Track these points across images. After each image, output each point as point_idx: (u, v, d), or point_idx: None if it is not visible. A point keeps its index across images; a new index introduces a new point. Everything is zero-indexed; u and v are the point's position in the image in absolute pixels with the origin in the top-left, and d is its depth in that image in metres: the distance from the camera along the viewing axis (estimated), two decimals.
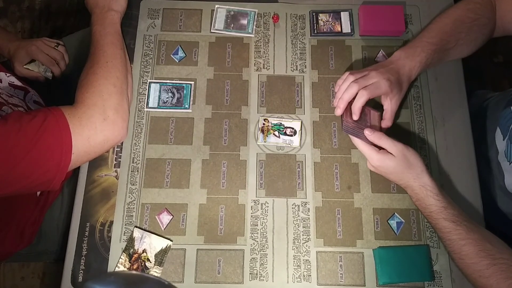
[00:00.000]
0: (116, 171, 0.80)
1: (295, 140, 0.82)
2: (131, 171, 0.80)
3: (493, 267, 0.64)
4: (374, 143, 0.73)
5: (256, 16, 0.91)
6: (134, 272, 0.71)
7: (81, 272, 0.75)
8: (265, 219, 0.78)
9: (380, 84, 0.73)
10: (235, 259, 0.76)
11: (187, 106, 0.84)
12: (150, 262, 0.74)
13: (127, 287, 0.44)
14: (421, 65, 0.77)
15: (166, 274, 0.74)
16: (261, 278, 0.75)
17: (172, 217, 0.78)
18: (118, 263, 0.74)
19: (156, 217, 0.78)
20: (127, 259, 0.74)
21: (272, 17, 0.91)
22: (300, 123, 0.83)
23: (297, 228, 0.77)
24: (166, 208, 0.78)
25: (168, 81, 0.86)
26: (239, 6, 0.91)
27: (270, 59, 0.88)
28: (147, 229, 0.77)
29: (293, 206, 0.79)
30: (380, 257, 0.74)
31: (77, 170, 0.80)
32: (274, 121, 0.83)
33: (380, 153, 0.72)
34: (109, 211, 0.78)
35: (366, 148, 0.73)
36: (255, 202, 0.79)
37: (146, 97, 0.85)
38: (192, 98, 0.85)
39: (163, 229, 0.77)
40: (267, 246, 0.76)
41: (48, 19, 1.79)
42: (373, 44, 0.89)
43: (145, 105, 0.84)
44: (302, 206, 0.79)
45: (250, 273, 0.75)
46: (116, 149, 0.82)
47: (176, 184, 0.80)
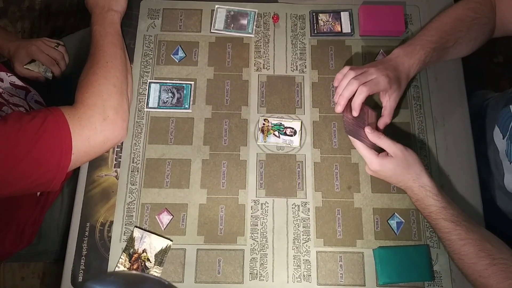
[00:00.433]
0: (116, 171, 0.80)
1: (295, 140, 0.82)
2: (131, 171, 0.80)
3: (493, 267, 0.64)
4: (373, 145, 0.73)
5: (256, 16, 0.91)
6: (134, 272, 0.71)
7: (81, 272, 0.75)
8: (265, 219, 0.78)
9: (379, 80, 0.73)
10: (235, 259, 0.76)
11: (187, 106, 0.84)
12: (150, 262, 0.74)
13: (127, 287, 0.44)
14: (420, 63, 0.77)
15: (166, 274, 0.74)
16: (261, 278, 0.75)
17: (172, 217, 0.78)
18: (118, 263, 0.74)
19: (156, 217, 0.78)
20: (127, 259, 0.75)
21: (272, 17, 0.91)
22: (300, 123, 0.83)
23: (297, 228, 0.77)
24: (166, 208, 0.78)
25: (168, 81, 0.86)
26: (239, 6, 0.91)
27: (270, 59, 0.88)
28: (147, 229, 0.77)
29: (293, 206, 0.79)
30: (380, 257, 0.74)
31: (77, 170, 0.80)
32: (274, 121, 0.83)
33: (379, 157, 0.72)
34: (109, 211, 0.78)
35: (366, 152, 0.73)
36: (255, 202, 0.79)
37: (146, 97, 0.85)
38: (192, 98, 0.85)
39: (163, 229, 0.77)
40: (267, 246, 0.76)
41: (48, 19, 1.79)
42: (373, 44, 0.89)
43: (145, 105, 0.84)
44: (302, 206, 0.79)
45: (250, 273, 0.75)
46: (116, 149, 0.82)
47: (176, 184, 0.80)
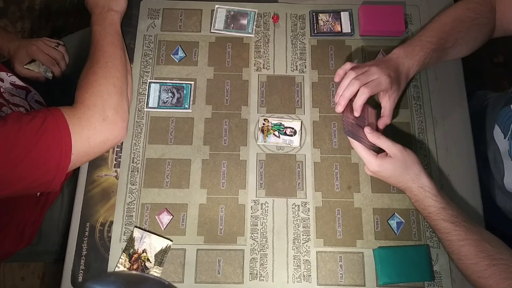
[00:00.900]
0: (116, 171, 0.80)
1: (295, 140, 0.82)
2: (131, 171, 0.80)
3: (493, 268, 0.64)
4: (372, 146, 0.73)
5: (256, 16, 0.91)
6: (134, 272, 0.71)
7: (81, 272, 0.75)
8: (265, 219, 0.78)
9: (381, 81, 0.73)
10: (235, 259, 0.76)
11: (187, 106, 0.84)
12: (150, 262, 0.74)
13: (127, 287, 0.44)
14: (419, 64, 0.77)
15: (166, 274, 0.74)
16: (261, 278, 0.75)
17: (172, 217, 0.78)
18: (118, 263, 0.74)
19: (156, 217, 0.78)
20: (127, 259, 0.75)
21: (272, 17, 0.91)
22: (300, 123, 0.83)
23: (297, 228, 0.77)
24: (166, 208, 0.78)
25: (168, 81, 0.86)
26: (239, 6, 0.91)
27: (270, 59, 0.88)
28: (147, 229, 0.77)
29: (293, 206, 0.79)
30: (380, 257, 0.74)
31: (77, 170, 0.80)
32: (274, 121, 0.83)
33: (378, 158, 0.71)
34: (109, 211, 0.78)
35: (365, 153, 0.72)
36: (255, 202, 0.79)
37: (146, 97, 0.85)
38: (192, 98, 0.85)
39: (163, 229, 0.77)
40: (267, 246, 0.76)
41: (48, 19, 1.79)
42: (373, 44, 0.89)
43: (145, 105, 0.84)
44: (302, 206, 0.79)
45: (250, 273, 0.75)
46: (116, 149, 0.82)
47: (176, 184, 0.80)
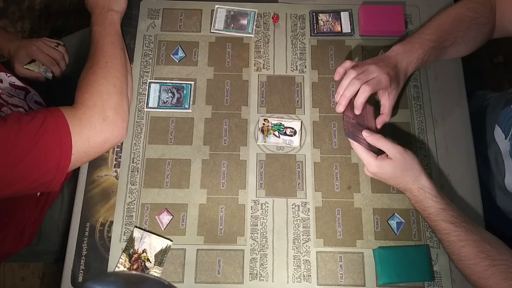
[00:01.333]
0: (116, 171, 0.80)
1: (295, 140, 0.82)
2: (131, 171, 0.80)
3: (493, 268, 0.64)
4: (372, 146, 0.73)
5: (256, 16, 0.91)
6: (134, 272, 0.71)
7: (81, 272, 0.75)
8: (265, 219, 0.78)
9: (381, 79, 0.73)
10: (235, 259, 0.76)
11: (187, 106, 0.84)
12: (150, 262, 0.74)
13: (127, 287, 0.44)
14: (418, 61, 0.77)
15: (166, 274, 0.74)
16: (261, 278, 0.75)
17: (172, 217, 0.78)
18: (118, 263, 0.74)
19: (156, 217, 0.78)
20: (127, 259, 0.75)
21: (272, 17, 0.91)
22: (300, 123, 0.83)
23: (297, 228, 0.77)
24: (166, 208, 0.78)
25: (168, 81, 0.86)
26: (239, 6, 0.91)
27: (270, 59, 0.88)
28: (147, 229, 0.77)
29: (293, 206, 0.79)
30: (380, 257, 0.74)
31: (77, 170, 0.80)
32: (274, 121, 0.83)
33: (378, 159, 0.71)
34: (109, 211, 0.78)
35: (365, 154, 0.72)
36: (255, 202, 0.79)
37: (146, 97, 0.85)
38: (192, 98, 0.85)
39: (163, 229, 0.77)
40: (267, 246, 0.76)
41: (48, 19, 1.79)
42: (373, 44, 0.89)
43: (145, 105, 0.84)
44: (302, 206, 0.79)
45: (250, 273, 0.75)
46: (116, 149, 0.82)
47: (176, 184, 0.80)
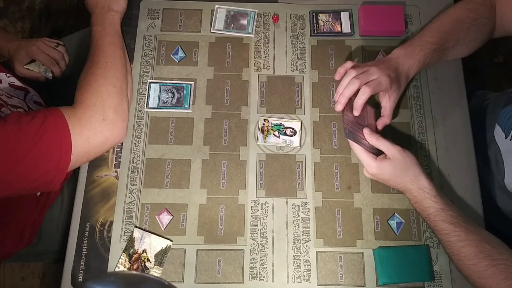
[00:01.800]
0: (116, 171, 0.80)
1: (295, 140, 0.82)
2: (131, 171, 0.80)
3: (493, 268, 0.64)
4: (371, 147, 0.73)
5: (256, 16, 0.91)
6: (134, 272, 0.71)
7: (81, 272, 0.75)
8: (265, 219, 0.78)
9: (381, 80, 0.73)
10: (235, 259, 0.76)
11: (187, 106, 0.84)
12: (150, 262, 0.74)
13: (127, 287, 0.44)
14: (419, 64, 0.77)
15: (166, 274, 0.74)
16: (261, 278, 0.75)
17: (172, 217, 0.78)
18: (118, 263, 0.74)
19: (156, 217, 0.78)
20: (127, 259, 0.75)
21: (272, 17, 0.91)
22: (300, 123, 0.83)
23: (297, 228, 0.77)
24: (166, 208, 0.78)
25: (168, 81, 0.86)
26: (239, 6, 0.91)
27: (270, 59, 0.88)
28: (147, 229, 0.77)
29: (293, 206, 0.79)
30: (380, 257, 0.74)
31: (77, 170, 0.80)
32: (274, 121, 0.83)
33: (377, 160, 0.71)
34: (109, 211, 0.78)
35: (365, 155, 0.72)
36: (255, 202, 0.79)
37: (146, 97, 0.85)
38: (192, 98, 0.85)
39: (163, 229, 0.77)
40: (267, 246, 0.76)
41: (48, 19, 1.79)
42: (373, 44, 0.89)
43: (145, 105, 0.84)
44: (302, 206, 0.79)
45: (250, 273, 0.75)
46: (116, 149, 0.82)
47: (176, 184, 0.80)
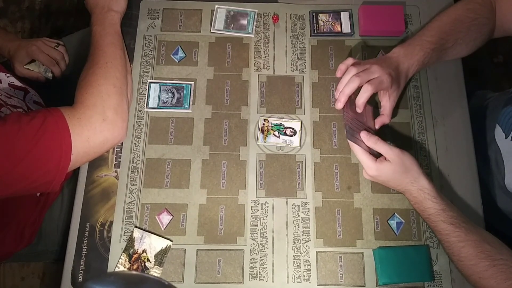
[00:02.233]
0: (116, 171, 0.80)
1: (295, 140, 0.82)
2: (131, 171, 0.80)
3: (493, 268, 0.64)
4: (372, 149, 0.73)
5: (256, 16, 0.91)
6: (134, 272, 0.71)
7: (81, 272, 0.75)
8: (265, 219, 0.78)
9: (383, 79, 0.73)
10: (235, 259, 0.76)
11: (187, 106, 0.84)
12: (150, 262, 0.74)
13: (127, 287, 0.44)
14: (419, 63, 0.77)
15: (166, 274, 0.74)
16: (261, 278, 0.75)
17: (172, 217, 0.78)
18: (118, 263, 0.74)
19: (156, 217, 0.78)
20: (127, 259, 0.75)
21: (272, 17, 0.91)
22: (300, 123, 0.83)
23: (297, 228, 0.77)
24: (166, 208, 0.78)
25: (168, 81, 0.86)
26: (239, 6, 0.91)
27: (270, 59, 0.88)
28: (147, 229, 0.77)
29: (293, 206, 0.79)
30: (380, 257, 0.74)
31: (77, 170, 0.80)
32: (274, 121, 0.83)
33: (377, 163, 0.71)
34: (109, 211, 0.78)
35: (365, 157, 0.72)
36: (255, 202, 0.79)
37: (146, 97, 0.85)
38: (192, 98, 0.85)
39: (163, 229, 0.77)
40: (267, 246, 0.76)
41: (48, 19, 1.79)
42: (373, 44, 0.89)
43: (145, 105, 0.84)
44: (302, 206, 0.79)
45: (250, 273, 0.75)
46: (116, 149, 0.82)
47: (176, 184, 0.80)
